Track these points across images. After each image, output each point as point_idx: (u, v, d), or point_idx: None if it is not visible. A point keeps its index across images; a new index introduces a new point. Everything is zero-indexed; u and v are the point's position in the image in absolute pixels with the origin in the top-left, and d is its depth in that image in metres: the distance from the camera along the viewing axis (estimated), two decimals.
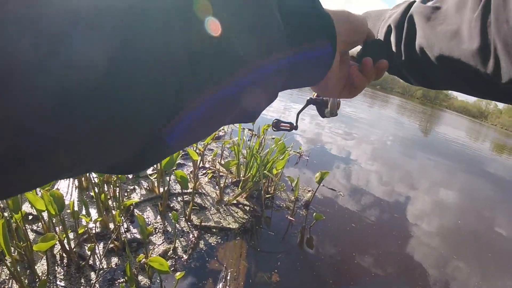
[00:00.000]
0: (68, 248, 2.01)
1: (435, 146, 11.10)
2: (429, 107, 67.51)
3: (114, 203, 2.81)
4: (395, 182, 5.22)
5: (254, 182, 3.42)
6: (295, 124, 0.79)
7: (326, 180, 4.03)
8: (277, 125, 0.78)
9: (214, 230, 2.82)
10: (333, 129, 8.17)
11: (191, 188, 3.36)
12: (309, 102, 0.76)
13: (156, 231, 2.64)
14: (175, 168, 3.83)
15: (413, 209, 4.29)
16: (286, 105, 10.30)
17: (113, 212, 2.61)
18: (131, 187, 3.43)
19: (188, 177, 3.30)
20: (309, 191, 3.94)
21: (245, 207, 3.29)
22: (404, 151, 8.19)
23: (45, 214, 2.21)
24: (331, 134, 7.52)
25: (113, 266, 2.10)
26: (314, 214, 2.95)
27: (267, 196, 3.49)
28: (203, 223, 2.82)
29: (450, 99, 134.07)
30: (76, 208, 2.56)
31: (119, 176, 2.88)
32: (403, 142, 9.62)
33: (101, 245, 2.28)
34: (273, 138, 4.39)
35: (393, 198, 4.44)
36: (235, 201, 3.34)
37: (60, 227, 2.28)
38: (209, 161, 4.43)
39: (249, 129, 5.20)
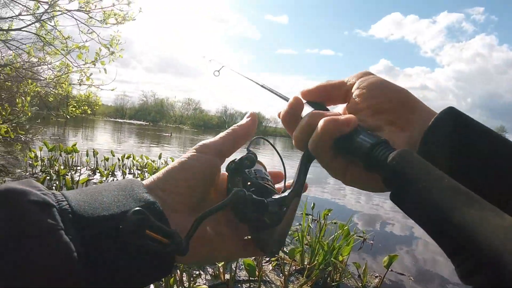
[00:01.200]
0: None
1: None
2: None
3: (180, 287, 2.90)
4: None
5: (319, 270, 3.41)
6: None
7: (392, 263, 3.95)
8: None
9: None
10: (389, 204, 8.00)
11: (256, 276, 3.40)
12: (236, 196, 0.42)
13: None
14: None
15: None
16: None
17: None
18: (197, 272, 3.56)
19: None
20: (376, 276, 3.83)
21: None
22: None
23: None
24: (389, 210, 7.38)
25: None
26: None
27: (333, 284, 3.46)
28: None
29: None
30: None
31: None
32: None
33: None
34: (335, 223, 4.40)
35: None
36: None
37: None
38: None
39: (307, 214, 5.24)
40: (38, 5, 5.35)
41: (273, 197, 0.45)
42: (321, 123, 0.45)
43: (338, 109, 0.56)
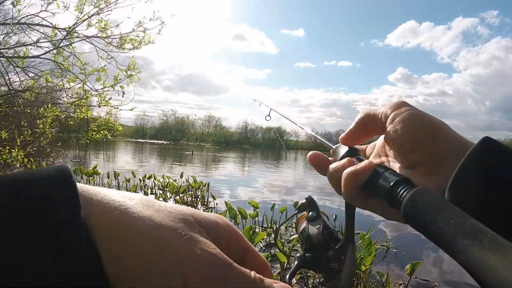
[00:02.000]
0: None
1: None
2: None
3: None
4: None
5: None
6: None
7: (417, 271, 3.86)
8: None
9: None
10: None
11: None
12: (302, 261, 0.57)
13: None
14: None
15: None
16: None
17: None
18: None
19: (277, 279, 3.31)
20: (400, 284, 3.80)
21: None
22: None
23: None
24: None
25: None
26: None
27: None
28: None
29: None
30: None
31: None
32: None
33: None
34: (358, 233, 4.32)
35: None
36: None
37: None
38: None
39: None
40: (56, 31, 5.45)
41: (331, 250, 0.55)
42: (342, 177, 0.48)
43: (378, 141, 0.59)
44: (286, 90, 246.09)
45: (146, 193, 9.30)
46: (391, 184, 0.43)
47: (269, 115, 1.16)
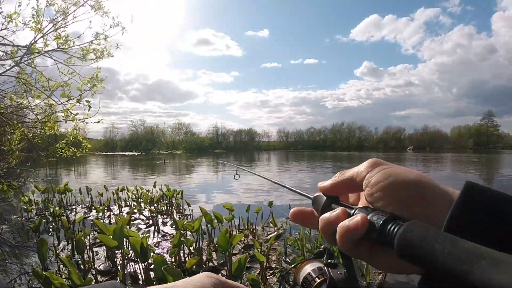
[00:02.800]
0: None
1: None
2: (484, 153, 64.79)
3: None
4: None
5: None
6: None
7: None
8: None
9: None
10: None
11: None
12: None
13: None
14: (244, 272, 3.94)
15: None
16: None
17: None
18: None
19: (257, 279, 3.40)
20: (380, 273, 3.89)
21: None
22: None
23: None
24: None
25: None
26: None
27: None
28: None
29: (503, 138, 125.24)
30: None
31: None
32: None
33: None
34: None
35: None
36: None
37: None
38: (274, 261, 4.49)
39: None
40: (17, 49, 5.39)
41: None
42: (339, 232, 0.47)
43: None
44: (254, 92, 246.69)
45: (120, 206, 9.24)
46: (381, 222, 0.43)
47: (237, 174, 1.21)
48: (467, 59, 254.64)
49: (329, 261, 0.62)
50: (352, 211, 0.50)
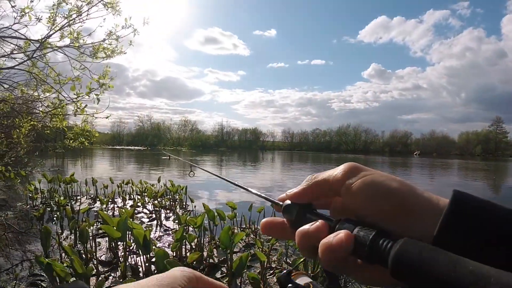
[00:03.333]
0: None
1: None
2: (492, 160, 64.34)
3: None
4: None
5: (323, 276, 3.46)
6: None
7: None
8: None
9: None
10: None
11: None
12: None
13: None
14: (245, 270, 3.99)
15: None
16: None
17: None
18: None
19: (257, 278, 3.44)
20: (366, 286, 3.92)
21: None
22: None
23: None
24: None
25: None
26: None
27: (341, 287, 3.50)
28: None
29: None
30: None
31: None
32: None
33: None
34: None
35: None
36: None
37: None
38: (274, 261, 4.53)
39: None
40: (29, 43, 5.47)
41: None
42: (321, 250, 0.43)
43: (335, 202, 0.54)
44: (260, 91, 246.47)
45: (124, 199, 9.33)
46: (369, 239, 0.40)
47: (192, 171, 1.18)
48: (476, 63, 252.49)
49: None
50: (333, 224, 0.46)
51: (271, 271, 4.40)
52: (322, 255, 0.43)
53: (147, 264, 4.17)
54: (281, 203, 0.55)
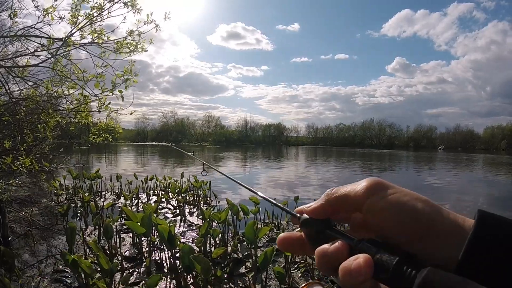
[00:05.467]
0: None
1: None
2: None
3: None
4: None
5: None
6: None
7: None
8: None
9: None
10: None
11: (287, 283, 3.40)
12: None
13: None
14: (270, 265, 3.95)
15: None
16: None
17: None
18: (226, 286, 3.58)
19: (282, 272, 3.40)
20: None
21: None
22: None
23: None
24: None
25: None
26: None
27: None
28: None
29: None
30: None
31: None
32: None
33: None
34: None
35: None
36: None
37: None
38: (298, 256, 4.48)
39: None
40: (52, 41, 5.52)
41: None
42: (341, 274, 0.41)
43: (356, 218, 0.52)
44: (284, 86, 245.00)
45: (148, 194, 9.40)
46: (393, 264, 0.39)
47: (205, 170, 1.15)
48: (501, 57, 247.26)
49: None
50: (354, 244, 0.44)
51: (295, 266, 4.36)
52: (341, 278, 0.42)
53: (172, 260, 4.16)
54: (298, 215, 0.53)
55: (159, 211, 7.44)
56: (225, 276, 3.99)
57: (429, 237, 0.42)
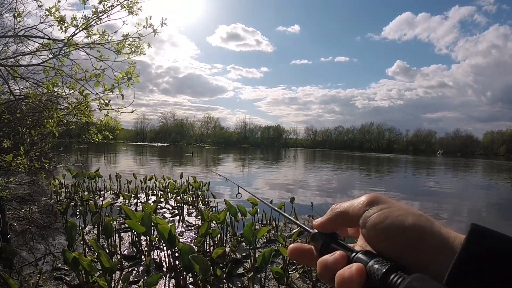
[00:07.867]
0: None
1: None
2: None
3: None
4: None
5: None
6: None
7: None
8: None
9: None
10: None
11: (285, 284, 3.42)
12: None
13: None
14: (269, 265, 3.98)
15: None
16: None
17: None
18: (225, 286, 3.60)
19: (281, 272, 3.43)
20: None
21: None
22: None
23: None
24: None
25: None
26: None
27: None
28: None
29: None
30: None
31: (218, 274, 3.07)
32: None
33: None
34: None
35: None
36: None
37: None
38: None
39: None
40: (53, 42, 5.55)
41: None
42: (337, 282, 0.44)
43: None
44: (283, 88, 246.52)
45: (147, 194, 9.42)
46: (381, 273, 0.41)
47: (240, 193, 1.19)
48: (502, 61, 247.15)
49: None
50: (352, 255, 0.47)
51: (293, 267, 4.38)
52: (337, 286, 0.44)
53: (171, 259, 4.18)
54: (311, 230, 0.56)
55: (157, 211, 7.47)
56: (224, 276, 4.02)
57: (419, 251, 0.43)
